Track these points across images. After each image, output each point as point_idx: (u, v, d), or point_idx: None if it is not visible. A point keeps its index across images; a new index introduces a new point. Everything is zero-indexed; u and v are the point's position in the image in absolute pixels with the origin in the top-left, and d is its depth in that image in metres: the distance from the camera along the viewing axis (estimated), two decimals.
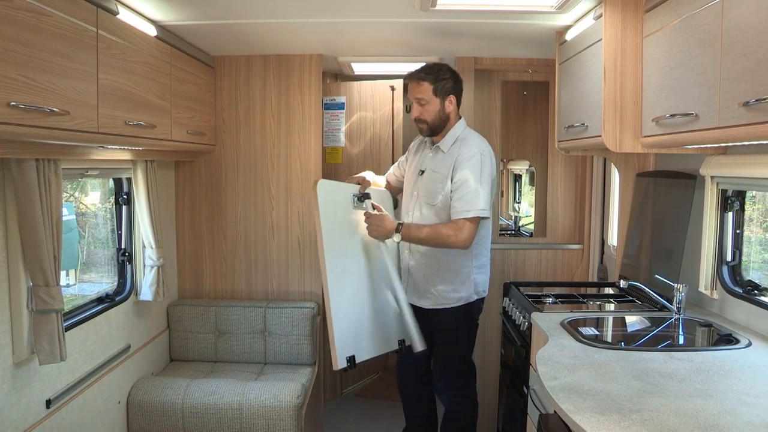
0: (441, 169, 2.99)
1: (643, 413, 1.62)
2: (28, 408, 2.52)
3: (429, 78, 2.97)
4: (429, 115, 2.99)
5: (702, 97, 1.93)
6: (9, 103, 1.78)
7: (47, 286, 2.42)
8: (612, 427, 1.55)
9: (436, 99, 2.97)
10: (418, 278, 3.10)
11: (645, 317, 2.73)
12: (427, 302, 3.09)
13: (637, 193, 3.20)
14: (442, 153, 3.03)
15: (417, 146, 3.26)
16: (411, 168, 3.21)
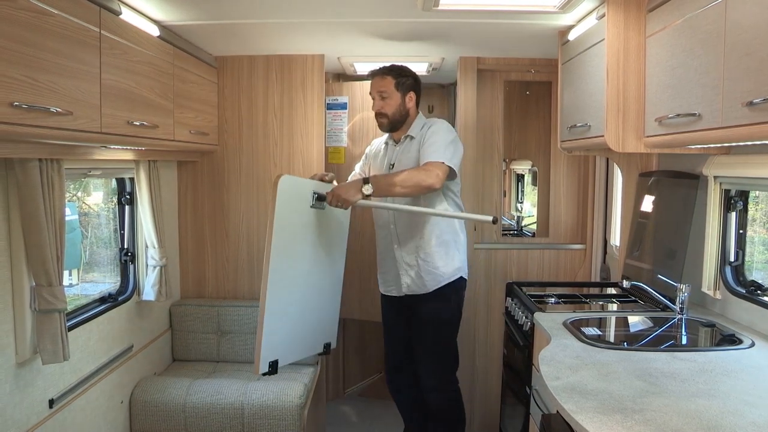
0: (412, 151, 3.12)
1: (645, 413, 1.61)
2: (32, 407, 2.53)
3: (392, 73, 3.12)
4: (390, 109, 3.11)
5: (705, 97, 1.93)
6: (12, 103, 1.78)
7: (50, 285, 2.42)
8: (615, 427, 1.54)
9: (398, 93, 3.11)
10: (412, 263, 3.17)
11: (648, 317, 2.73)
12: (429, 283, 3.15)
13: (639, 193, 3.20)
14: (410, 140, 3.16)
15: (377, 149, 3.38)
16: (377, 168, 3.31)
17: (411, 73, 3.18)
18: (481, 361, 4.06)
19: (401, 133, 3.20)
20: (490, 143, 4.07)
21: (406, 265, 3.19)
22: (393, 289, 3.30)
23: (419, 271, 3.15)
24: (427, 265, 3.14)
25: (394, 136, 3.25)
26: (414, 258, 3.16)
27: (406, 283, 3.20)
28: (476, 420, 4.09)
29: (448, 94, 5.18)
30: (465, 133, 3.91)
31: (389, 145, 3.29)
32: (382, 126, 3.18)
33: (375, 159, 3.35)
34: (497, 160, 4.10)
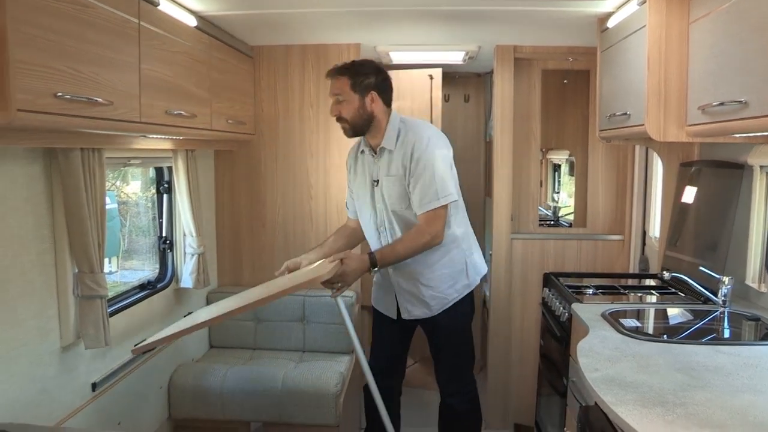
0: (396, 169, 2.79)
1: (688, 407, 1.58)
2: (75, 390, 2.59)
3: (347, 73, 2.75)
4: (348, 113, 2.75)
5: (752, 84, 1.87)
6: (55, 93, 1.81)
7: (92, 272, 2.47)
8: (655, 420, 1.52)
9: (355, 95, 2.73)
10: (414, 292, 2.90)
11: (688, 310, 2.67)
12: (435, 307, 2.91)
13: (680, 183, 3.13)
14: (389, 153, 2.81)
15: (354, 160, 3.01)
16: (359, 183, 2.97)
17: (372, 70, 2.78)
18: (516, 352, 4.04)
19: (376, 140, 2.83)
20: (527, 133, 4.03)
21: (406, 292, 2.91)
22: (392, 310, 3.01)
23: (422, 297, 2.89)
24: (431, 290, 2.88)
25: (370, 142, 2.87)
26: (414, 285, 2.89)
27: (407, 309, 2.94)
28: (511, 411, 4.08)
29: (485, 83, 5.15)
30: (502, 123, 3.88)
31: (366, 154, 2.91)
32: (344, 131, 2.83)
33: (357, 173, 2.98)
34: (534, 149, 4.05)
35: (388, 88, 2.84)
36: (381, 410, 2.85)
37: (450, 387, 3.07)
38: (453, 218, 2.87)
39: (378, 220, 2.92)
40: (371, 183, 2.89)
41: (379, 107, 2.79)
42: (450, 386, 3.07)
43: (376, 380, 3.03)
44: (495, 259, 3.99)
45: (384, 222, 2.90)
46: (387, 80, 2.84)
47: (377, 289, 3.08)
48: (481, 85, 5.20)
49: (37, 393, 2.36)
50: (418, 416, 4.14)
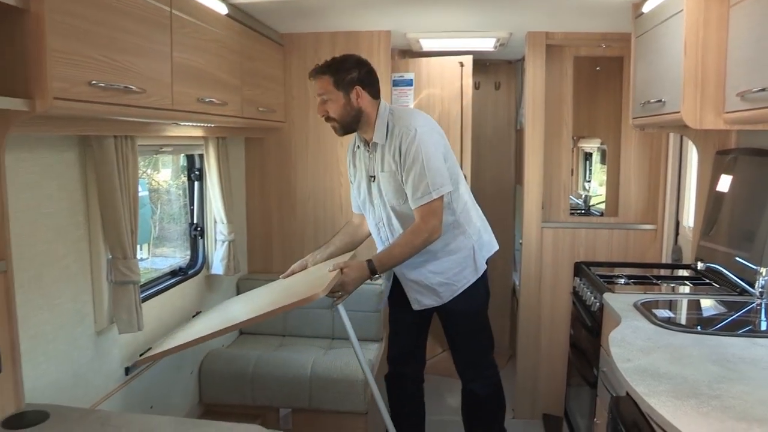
0: (389, 165, 2.74)
1: (723, 400, 1.55)
2: (109, 374, 2.64)
3: (329, 71, 2.70)
4: (335, 112, 2.71)
5: None
6: (90, 81, 1.83)
7: (125, 258, 2.51)
8: (689, 412, 1.49)
9: (339, 92, 2.68)
10: (421, 281, 2.88)
11: (723, 301, 2.62)
12: (445, 294, 2.89)
13: (716, 171, 3.06)
14: (381, 147, 2.77)
15: (353, 155, 2.99)
16: (358, 179, 2.95)
17: (353, 65, 2.73)
18: (545, 342, 4.01)
19: (368, 134, 2.80)
20: (558, 121, 3.98)
21: (413, 282, 2.89)
22: (402, 302, 2.98)
23: (430, 286, 2.87)
24: (439, 277, 2.86)
25: (363, 137, 2.85)
26: (420, 274, 2.87)
27: (416, 299, 2.92)
28: (540, 401, 4.06)
29: (516, 71, 5.09)
30: (533, 110, 3.84)
31: (362, 150, 2.89)
32: (334, 130, 2.80)
33: (356, 168, 2.96)
34: (566, 137, 4.00)
35: (374, 80, 2.79)
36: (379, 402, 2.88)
37: (468, 373, 3.07)
38: (455, 204, 2.83)
39: (376, 215, 2.90)
40: (368, 179, 2.87)
41: (366, 101, 2.73)
42: (468, 372, 3.07)
43: (395, 368, 3.13)
44: (525, 248, 3.96)
45: (382, 217, 2.88)
46: (371, 72, 2.78)
47: (386, 282, 3.09)
48: (512, 73, 5.14)
49: (73, 376, 2.41)
50: (445, 405, 4.16)
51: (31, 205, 2.17)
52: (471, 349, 3.04)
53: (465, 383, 3.10)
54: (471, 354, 3.05)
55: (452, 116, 4.29)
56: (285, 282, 3.02)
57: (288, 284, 2.97)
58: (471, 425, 3.18)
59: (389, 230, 2.88)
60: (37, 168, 2.19)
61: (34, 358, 2.19)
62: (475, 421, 3.16)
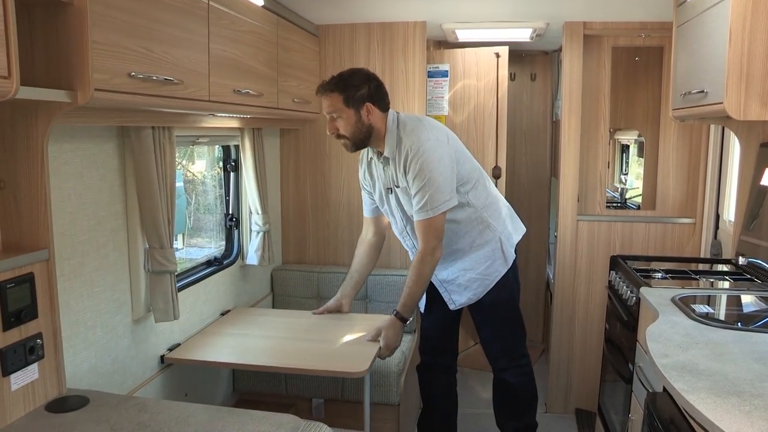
0: (401, 179, 2.77)
1: (766, 399, 1.51)
2: (146, 362, 2.69)
3: (338, 88, 2.67)
4: (346, 129, 2.70)
5: None
6: (129, 73, 1.86)
7: (162, 248, 2.54)
8: (730, 410, 1.45)
9: (350, 110, 2.67)
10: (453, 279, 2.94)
11: (765, 297, 2.56)
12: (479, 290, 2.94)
13: (760, 164, 2.99)
14: (392, 162, 2.78)
15: (366, 165, 2.98)
16: (378, 189, 2.96)
17: (362, 80, 2.71)
18: (579, 336, 3.97)
19: (380, 148, 2.80)
20: (595, 112, 3.92)
21: (446, 282, 2.94)
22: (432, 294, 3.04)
23: (463, 283, 2.91)
24: (470, 273, 2.90)
25: (376, 150, 2.85)
26: (452, 273, 2.92)
27: (452, 299, 2.97)
28: (573, 396, 4.02)
29: (552, 62, 5.03)
30: (570, 102, 3.79)
31: (374, 161, 2.91)
32: (346, 147, 2.79)
33: (374, 178, 2.97)
34: (603, 130, 3.94)
35: (383, 93, 2.77)
36: None
37: (501, 362, 3.08)
38: (474, 200, 2.85)
39: (399, 225, 2.93)
40: (386, 191, 2.88)
41: (376, 116, 2.72)
42: (501, 361, 3.08)
43: (428, 359, 3.16)
44: (560, 241, 3.92)
45: (405, 227, 2.92)
46: (380, 87, 2.77)
47: None
48: (549, 63, 5.08)
49: (111, 363, 2.45)
50: (478, 398, 4.15)
51: (73, 195, 2.21)
52: (503, 338, 3.05)
53: (497, 372, 3.11)
54: (503, 342, 3.06)
55: (488, 108, 4.26)
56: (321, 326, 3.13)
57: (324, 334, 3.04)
58: (503, 415, 3.18)
59: (413, 238, 2.90)
60: (78, 158, 2.23)
61: (74, 345, 2.24)
62: (506, 411, 3.16)
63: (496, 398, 3.18)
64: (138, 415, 1.87)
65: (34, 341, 1.86)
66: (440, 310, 3.07)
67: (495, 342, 3.07)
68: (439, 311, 3.08)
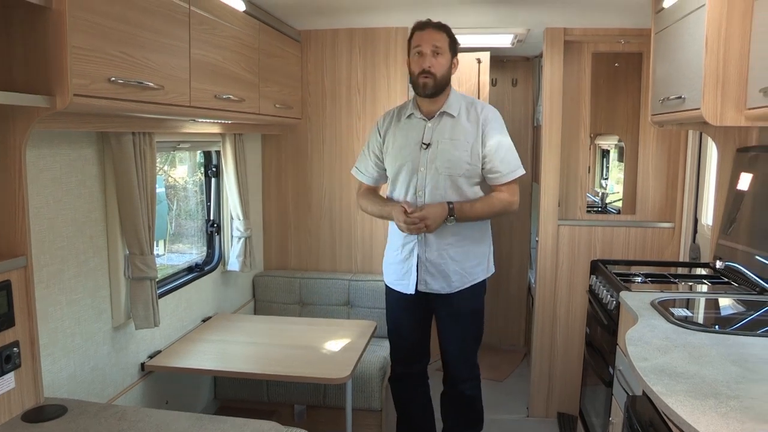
0: (461, 135, 2.76)
1: (743, 400, 1.53)
2: (126, 370, 2.66)
3: (446, 30, 2.73)
4: (440, 69, 2.70)
5: None
6: (109, 78, 1.84)
7: (142, 254, 2.53)
8: (708, 412, 1.47)
9: (449, 54, 2.72)
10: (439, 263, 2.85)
11: (742, 300, 2.59)
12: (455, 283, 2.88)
13: (736, 169, 3.03)
14: (451, 119, 2.78)
15: (390, 124, 2.91)
16: (398, 146, 2.86)
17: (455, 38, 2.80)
18: (561, 340, 3.99)
19: (435, 105, 2.78)
20: (576, 118, 3.95)
21: (429, 263, 2.85)
22: (402, 284, 2.93)
23: (446, 270, 2.85)
24: (456, 265, 2.85)
25: (422, 107, 2.82)
26: (440, 257, 2.84)
27: (425, 280, 2.87)
28: (554, 399, 4.04)
29: (533, 67, 5.07)
30: (550, 108, 3.81)
31: (416, 118, 2.83)
32: (425, 87, 2.71)
33: (397, 136, 2.87)
34: (583, 135, 3.98)
35: None
36: None
37: (464, 372, 3.05)
38: None
39: (419, 182, 2.82)
40: (420, 145, 2.80)
41: (452, 74, 2.81)
42: (464, 371, 3.05)
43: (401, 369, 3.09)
44: (541, 246, 3.94)
45: (425, 185, 2.80)
46: None
47: (395, 264, 2.96)
48: (530, 69, 5.11)
49: (91, 370, 2.43)
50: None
51: (52, 201, 2.19)
52: (469, 349, 3.03)
53: (456, 383, 3.06)
54: (469, 354, 3.04)
55: None
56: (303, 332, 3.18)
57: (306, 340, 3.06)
58: (457, 428, 3.14)
59: (430, 198, 2.80)
60: (57, 164, 2.21)
61: (53, 353, 2.21)
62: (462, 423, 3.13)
63: (451, 411, 3.14)
64: (117, 423, 1.85)
65: (10, 350, 1.84)
66: (411, 321, 3.03)
67: (462, 353, 3.03)
68: (410, 321, 3.03)
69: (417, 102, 2.85)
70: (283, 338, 3.11)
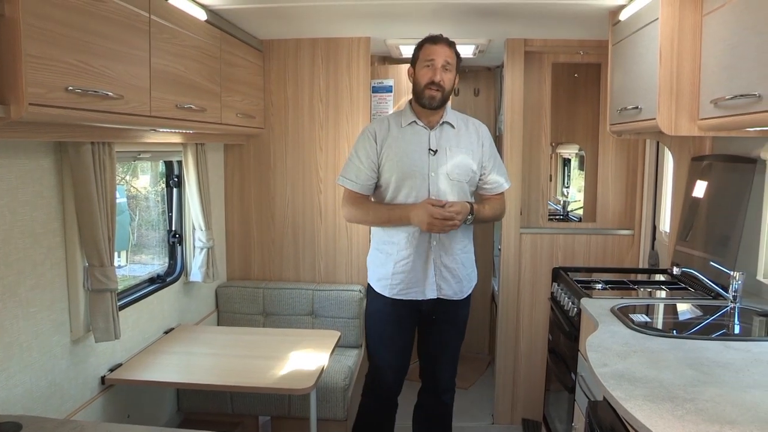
0: (465, 145, 2.85)
1: (697, 403, 1.58)
2: (86, 384, 2.61)
3: (455, 48, 2.79)
4: (448, 84, 2.76)
5: (766, 77, 1.85)
6: (66, 87, 1.81)
7: (102, 266, 2.49)
8: (665, 415, 1.51)
9: (455, 71, 2.80)
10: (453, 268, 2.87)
11: (698, 305, 2.66)
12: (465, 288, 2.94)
13: (691, 177, 3.11)
14: (451, 129, 2.84)
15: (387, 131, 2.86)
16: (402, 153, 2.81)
17: None
18: (524, 347, 4.03)
19: (435, 116, 2.83)
20: (537, 127, 4.01)
21: (444, 268, 2.85)
22: (415, 291, 2.86)
23: (459, 275, 2.88)
24: (466, 270, 2.91)
25: (421, 117, 2.83)
26: (455, 261, 2.86)
27: (439, 285, 2.85)
28: (519, 406, 4.07)
29: (495, 77, 5.13)
30: (512, 117, 3.87)
31: (418, 126, 2.83)
32: (432, 99, 2.73)
33: (399, 142, 2.83)
34: (545, 144, 4.04)
35: None
36: None
37: (450, 382, 3.08)
38: None
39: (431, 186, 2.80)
40: (426, 151, 2.80)
41: None
42: (450, 381, 3.08)
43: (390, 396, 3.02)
44: (504, 254, 3.98)
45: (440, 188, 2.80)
46: None
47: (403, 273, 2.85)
48: (492, 79, 5.18)
49: (48, 385, 2.38)
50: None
51: (7, 212, 2.14)
52: (457, 355, 3.07)
53: (438, 394, 3.07)
54: (453, 362, 3.06)
55: None
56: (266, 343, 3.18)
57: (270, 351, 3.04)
58: None
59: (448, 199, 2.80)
60: (12, 174, 2.17)
61: (8, 368, 2.16)
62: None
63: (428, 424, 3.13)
64: None
65: None
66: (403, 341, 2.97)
67: (453, 361, 3.05)
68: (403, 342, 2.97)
69: (415, 112, 2.85)
70: (246, 349, 3.08)
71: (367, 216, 2.88)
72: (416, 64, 2.80)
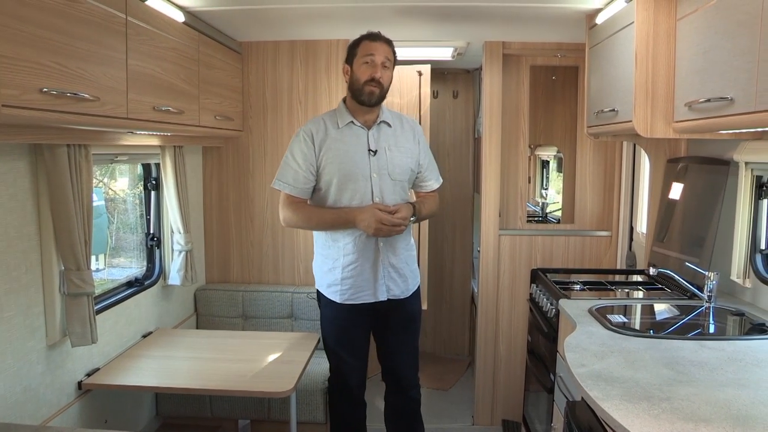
0: (403, 143, 2.85)
1: (673, 402, 1.60)
2: (62, 389, 2.58)
3: (393, 46, 2.79)
4: (387, 82, 2.75)
5: (739, 81, 1.89)
6: (41, 89, 1.79)
7: (79, 270, 2.46)
8: (641, 414, 1.53)
9: (392, 68, 2.79)
10: (400, 267, 2.86)
11: (674, 305, 2.69)
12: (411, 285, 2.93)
13: (667, 179, 3.15)
14: (389, 128, 2.84)
15: (325, 134, 2.79)
16: (342, 155, 2.76)
17: None
18: (504, 348, 4.05)
19: (372, 115, 2.81)
20: (515, 129, 4.04)
21: (391, 267, 2.84)
22: (366, 295, 2.83)
23: (405, 274, 2.88)
24: (409, 267, 2.92)
25: (357, 117, 2.79)
26: (400, 260, 2.86)
27: (388, 286, 2.83)
28: (499, 407, 4.09)
29: (474, 80, 5.15)
30: (490, 119, 3.89)
31: (356, 126, 2.80)
32: (371, 95, 2.71)
33: (338, 144, 2.77)
34: (523, 146, 4.06)
35: None
36: None
37: (414, 377, 3.06)
38: None
39: (374, 188, 2.78)
40: (366, 153, 2.78)
41: None
42: (414, 376, 3.06)
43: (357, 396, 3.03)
44: (483, 255, 3.99)
45: (383, 190, 2.79)
46: None
47: (352, 278, 2.82)
48: (470, 82, 5.20)
49: (23, 391, 2.34)
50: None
51: None
52: (416, 351, 3.07)
53: (405, 390, 3.06)
54: (414, 357, 3.06)
55: None
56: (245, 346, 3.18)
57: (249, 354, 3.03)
58: None
59: (391, 202, 2.80)
60: None
61: None
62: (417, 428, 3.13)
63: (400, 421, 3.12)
64: None
65: None
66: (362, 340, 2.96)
67: (412, 357, 3.05)
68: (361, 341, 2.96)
69: (351, 111, 2.82)
70: (225, 352, 3.07)
71: (310, 221, 2.84)
72: (354, 61, 2.77)
